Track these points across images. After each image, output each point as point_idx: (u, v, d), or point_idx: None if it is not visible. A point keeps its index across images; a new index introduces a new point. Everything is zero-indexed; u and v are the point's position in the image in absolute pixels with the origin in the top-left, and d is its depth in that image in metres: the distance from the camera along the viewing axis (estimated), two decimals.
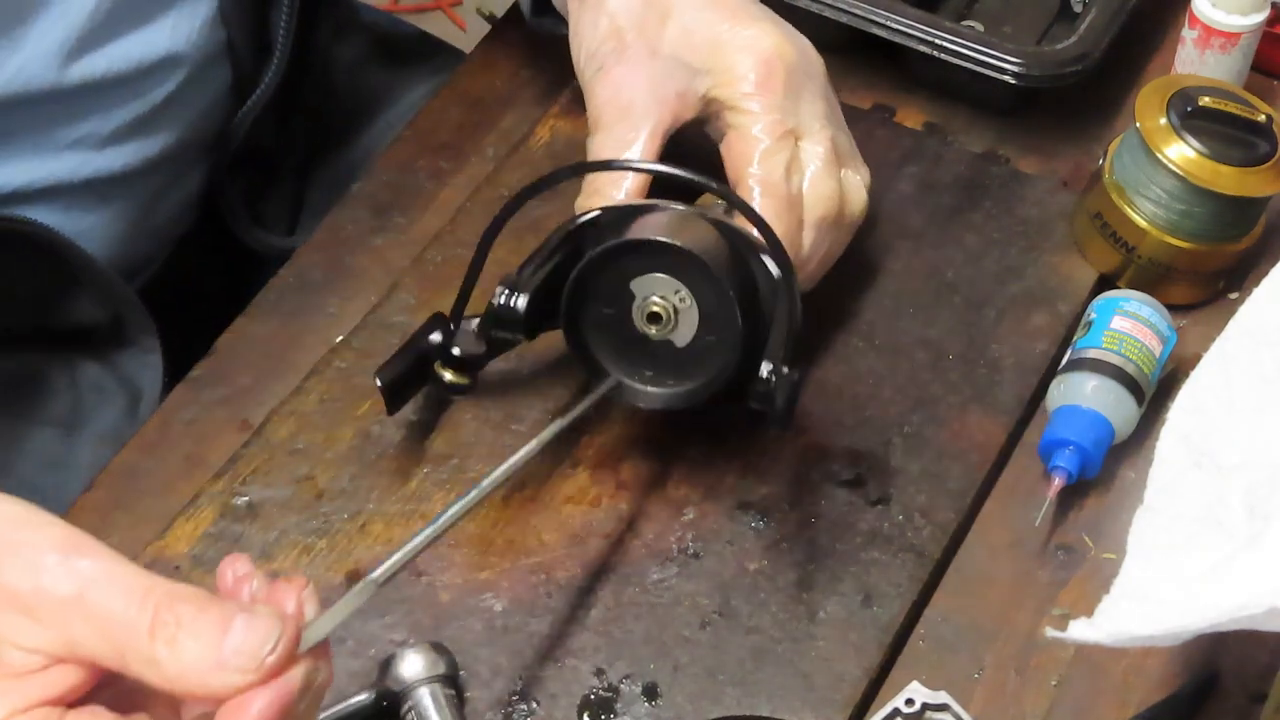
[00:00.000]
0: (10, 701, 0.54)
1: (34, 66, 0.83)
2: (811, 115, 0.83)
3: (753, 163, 0.81)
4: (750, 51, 0.82)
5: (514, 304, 0.77)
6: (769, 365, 0.74)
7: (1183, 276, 0.89)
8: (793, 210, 0.81)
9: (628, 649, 0.77)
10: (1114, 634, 0.64)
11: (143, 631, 0.55)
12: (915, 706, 0.74)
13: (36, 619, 0.55)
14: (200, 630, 0.55)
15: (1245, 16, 0.93)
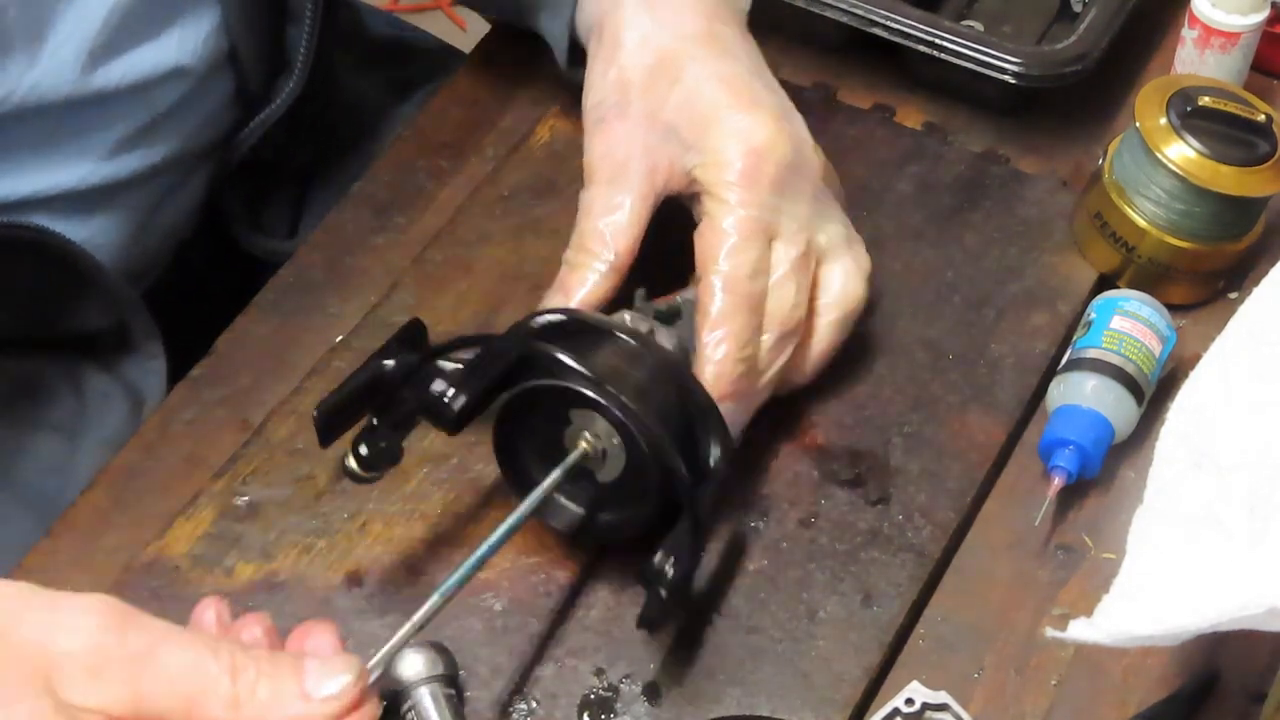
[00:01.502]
0: None
1: (49, 79, 0.84)
2: (791, 216, 0.80)
3: (718, 259, 0.79)
4: (742, 139, 0.80)
5: (451, 402, 0.74)
6: (663, 557, 0.72)
7: (1183, 276, 0.89)
8: (753, 312, 0.79)
9: (628, 649, 0.77)
10: (1114, 634, 0.65)
11: (222, 677, 0.58)
12: (915, 706, 0.74)
13: (101, 678, 0.56)
14: (278, 672, 0.60)
15: (1245, 16, 0.93)
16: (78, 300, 0.90)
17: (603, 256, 0.81)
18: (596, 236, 0.81)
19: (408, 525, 0.80)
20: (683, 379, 0.77)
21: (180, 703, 0.58)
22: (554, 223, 0.93)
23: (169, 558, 0.79)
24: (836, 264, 0.82)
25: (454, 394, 0.74)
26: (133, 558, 0.79)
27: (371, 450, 0.75)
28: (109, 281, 0.89)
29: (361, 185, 0.95)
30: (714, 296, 0.78)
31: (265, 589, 0.78)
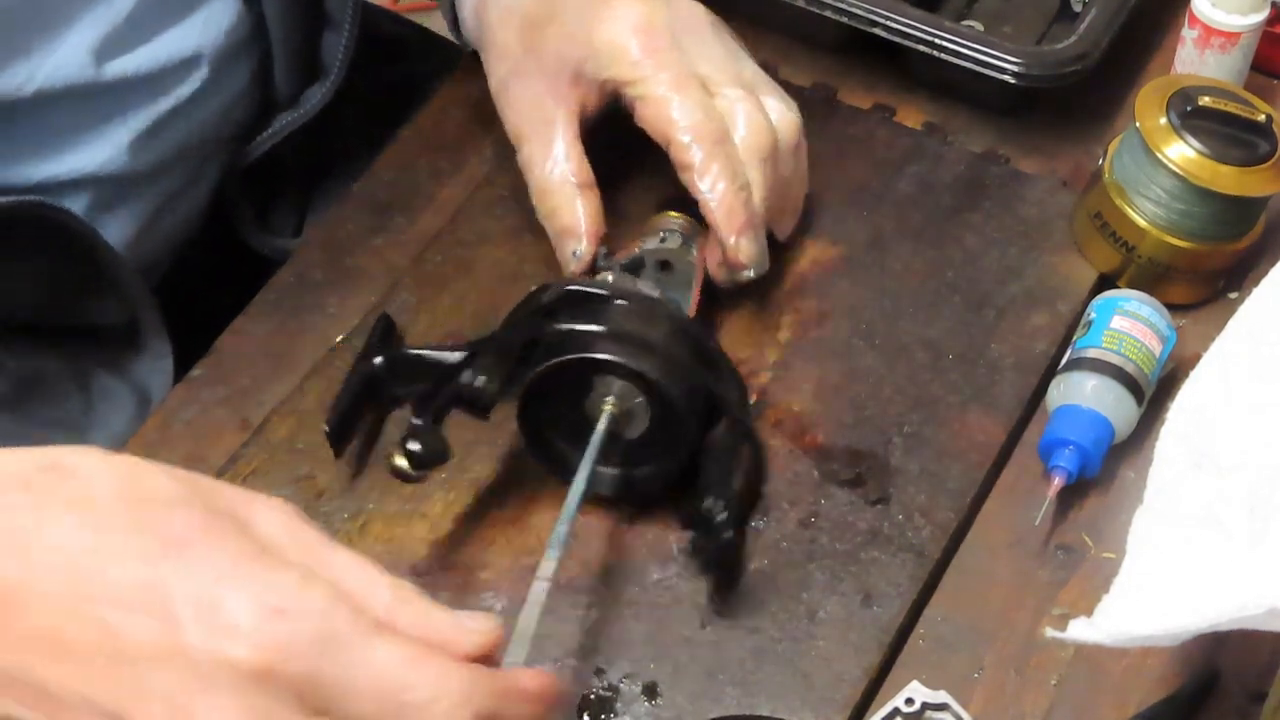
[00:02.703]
0: None
1: (72, 64, 0.84)
2: (707, 60, 0.85)
3: (672, 120, 0.83)
4: (623, 26, 0.84)
5: (484, 389, 0.76)
6: (714, 503, 0.75)
7: (1183, 276, 0.89)
8: (727, 144, 0.83)
9: (628, 649, 0.77)
10: (1114, 634, 0.65)
11: (385, 587, 0.62)
12: (915, 706, 0.74)
13: (285, 552, 0.60)
14: (431, 603, 0.63)
15: (1245, 16, 0.93)
16: (93, 294, 0.90)
17: (566, 191, 0.85)
18: (550, 181, 0.85)
19: (408, 525, 0.80)
20: (690, 328, 0.79)
21: (344, 595, 0.59)
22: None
23: None
24: (770, 96, 0.87)
25: (485, 380, 0.76)
26: None
27: (426, 447, 0.75)
28: (125, 275, 0.89)
29: (361, 185, 0.95)
30: (689, 150, 0.83)
31: None
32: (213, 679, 0.56)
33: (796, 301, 0.89)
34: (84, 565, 0.58)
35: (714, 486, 0.76)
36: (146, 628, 0.57)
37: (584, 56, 0.85)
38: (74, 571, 0.58)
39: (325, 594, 0.59)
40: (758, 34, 1.02)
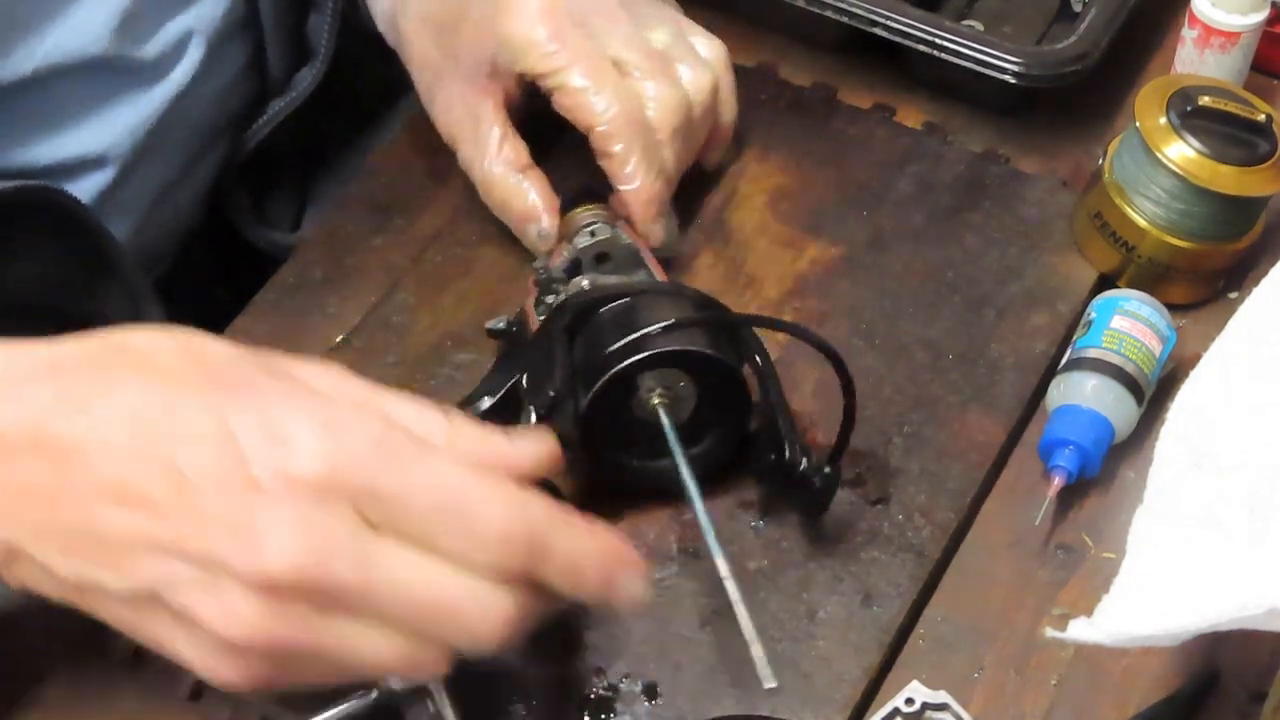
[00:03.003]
0: None
1: (72, 42, 0.85)
2: (616, 37, 0.86)
3: (591, 112, 0.84)
4: (527, 14, 0.85)
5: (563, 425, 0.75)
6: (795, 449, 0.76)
7: (1183, 276, 0.89)
8: (646, 132, 0.85)
9: (628, 649, 0.77)
10: (1114, 634, 0.65)
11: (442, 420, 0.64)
12: (915, 706, 0.74)
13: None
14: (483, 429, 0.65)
15: (1245, 16, 0.93)
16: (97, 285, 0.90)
17: (510, 179, 0.87)
18: (493, 175, 0.87)
19: None
20: (685, 291, 0.80)
21: (399, 423, 0.61)
22: None
23: None
24: (682, 61, 0.88)
25: (561, 426, 0.74)
26: None
27: None
28: (127, 265, 0.89)
29: (361, 185, 0.95)
30: (609, 141, 0.85)
31: None
32: (272, 494, 0.58)
33: (796, 301, 0.89)
34: (146, 415, 0.60)
35: (785, 435, 0.76)
36: (208, 459, 0.58)
37: (496, 49, 0.86)
38: (137, 422, 0.59)
39: (381, 417, 0.61)
40: (758, 34, 1.02)
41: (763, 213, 0.93)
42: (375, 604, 0.59)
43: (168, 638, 0.61)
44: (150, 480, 0.59)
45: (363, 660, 0.61)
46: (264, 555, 0.57)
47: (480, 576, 0.60)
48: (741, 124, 0.97)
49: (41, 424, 0.60)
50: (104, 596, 0.61)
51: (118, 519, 0.59)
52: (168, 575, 0.59)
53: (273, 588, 0.58)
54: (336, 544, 0.58)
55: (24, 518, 0.60)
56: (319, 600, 0.59)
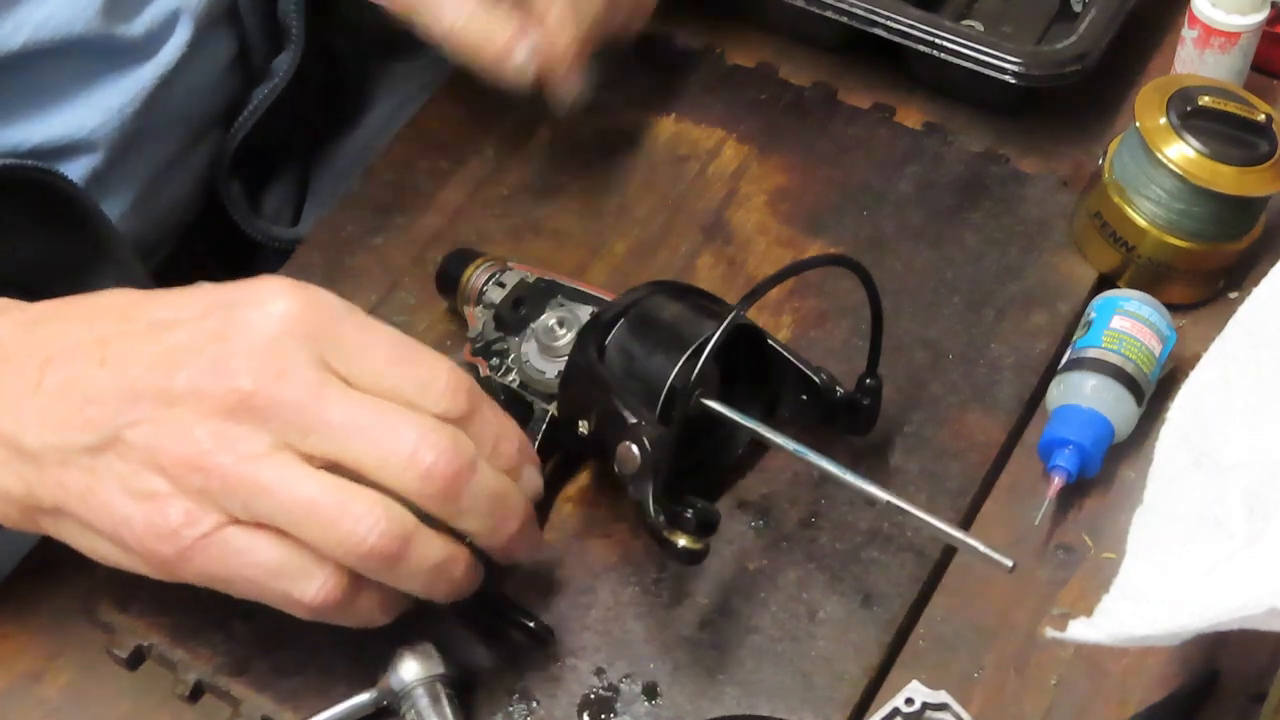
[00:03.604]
0: None
1: (60, 16, 0.84)
2: None
3: None
4: None
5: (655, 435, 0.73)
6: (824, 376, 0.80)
7: (1182, 276, 0.89)
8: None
9: (628, 649, 0.77)
10: (1114, 634, 0.64)
11: None
12: (915, 706, 0.74)
13: None
14: None
15: (1245, 16, 0.93)
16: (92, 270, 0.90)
17: (478, 18, 0.86)
18: (462, 23, 0.86)
19: None
20: (664, 285, 0.81)
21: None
22: (554, 223, 0.93)
23: None
24: None
25: (653, 430, 0.73)
26: None
27: (699, 516, 0.72)
28: (123, 251, 0.89)
29: (361, 185, 0.95)
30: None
31: None
32: (247, 324, 0.65)
33: (796, 301, 0.89)
34: (126, 300, 0.69)
35: (809, 370, 0.80)
36: (194, 309, 0.67)
37: None
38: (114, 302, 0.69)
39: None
40: (758, 34, 1.02)
41: (763, 213, 0.93)
42: (320, 427, 0.64)
43: (119, 494, 0.65)
44: (137, 334, 0.66)
45: (295, 503, 0.65)
46: (230, 381, 0.64)
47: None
48: (741, 124, 0.97)
49: (46, 312, 0.70)
50: (69, 464, 0.66)
51: (95, 374, 0.65)
52: (133, 416, 0.65)
53: (233, 408, 0.64)
54: (294, 366, 0.65)
55: (9, 391, 0.67)
56: (270, 424, 0.64)
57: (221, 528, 0.65)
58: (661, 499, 0.71)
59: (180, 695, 0.75)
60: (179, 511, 0.65)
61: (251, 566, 0.65)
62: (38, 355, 0.67)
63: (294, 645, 0.76)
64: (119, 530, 0.66)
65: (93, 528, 0.67)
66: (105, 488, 0.65)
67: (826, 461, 0.75)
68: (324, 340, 0.66)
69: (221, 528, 0.65)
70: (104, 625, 0.77)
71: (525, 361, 0.80)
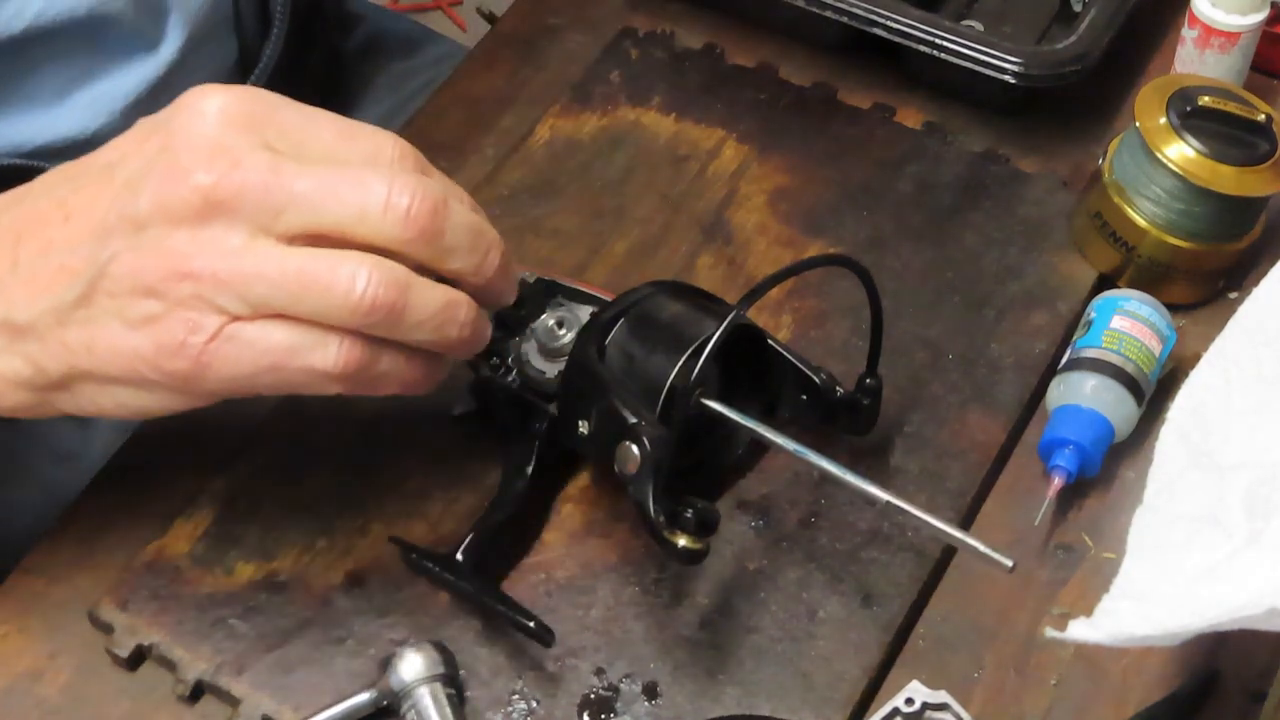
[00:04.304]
0: None
1: (64, 2, 0.84)
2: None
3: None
4: None
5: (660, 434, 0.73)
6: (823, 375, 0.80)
7: (1182, 276, 0.89)
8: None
9: (628, 649, 0.77)
10: (1114, 634, 0.65)
11: None
12: (915, 706, 0.74)
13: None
14: None
15: (1245, 16, 0.93)
16: None
17: None
18: None
19: (407, 525, 0.80)
20: (666, 285, 0.81)
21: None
22: (554, 223, 0.93)
23: (169, 557, 0.79)
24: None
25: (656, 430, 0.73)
26: (133, 558, 0.79)
27: (699, 515, 0.72)
28: None
29: None
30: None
31: (265, 589, 0.78)
32: (187, 128, 0.65)
33: (796, 301, 0.89)
34: (78, 166, 0.69)
35: (809, 369, 0.80)
36: (134, 147, 0.67)
37: None
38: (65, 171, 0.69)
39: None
40: (758, 34, 1.02)
41: (763, 213, 0.93)
42: (291, 203, 0.64)
43: (112, 330, 0.65)
44: (88, 186, 0.67)
45: (285, 281, 0.65)
46: (188, 180, 0.64)
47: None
48: (741, 124, 0.97)
49: (5, 205, 0.69)
50: (65, 321, 0.66)
51: (64, 231, 0.66)
52: (110, 251, 0.65)
53: (200, 207, 0.64)
54: (245, 153, 0.65)
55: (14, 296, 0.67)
56: (241, 213, 0.64)
57: (225, 326, 0.65)
58: (661, 499, 0.71)
59: (180, 695, 0.75)
60: (180, 323, 0.65)
61: (266, 354, 0.66)
62: (7, 239, 0.68)
63: (294, 645, 0.76)
64: (133, 366, 0.66)
65: (108, 378, 0.67)
66: (105, 330, 0.66)
67: (826, 461, 0.75)
68: (267, 126, 0.66)
69: (225, 326, 0.65)
70: (104, 625, 0.77)
71: (525, 361, 0.80)
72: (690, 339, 0.76)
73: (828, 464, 0.75)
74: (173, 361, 0.65)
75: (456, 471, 0.82)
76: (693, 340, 0.76)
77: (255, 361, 0.66)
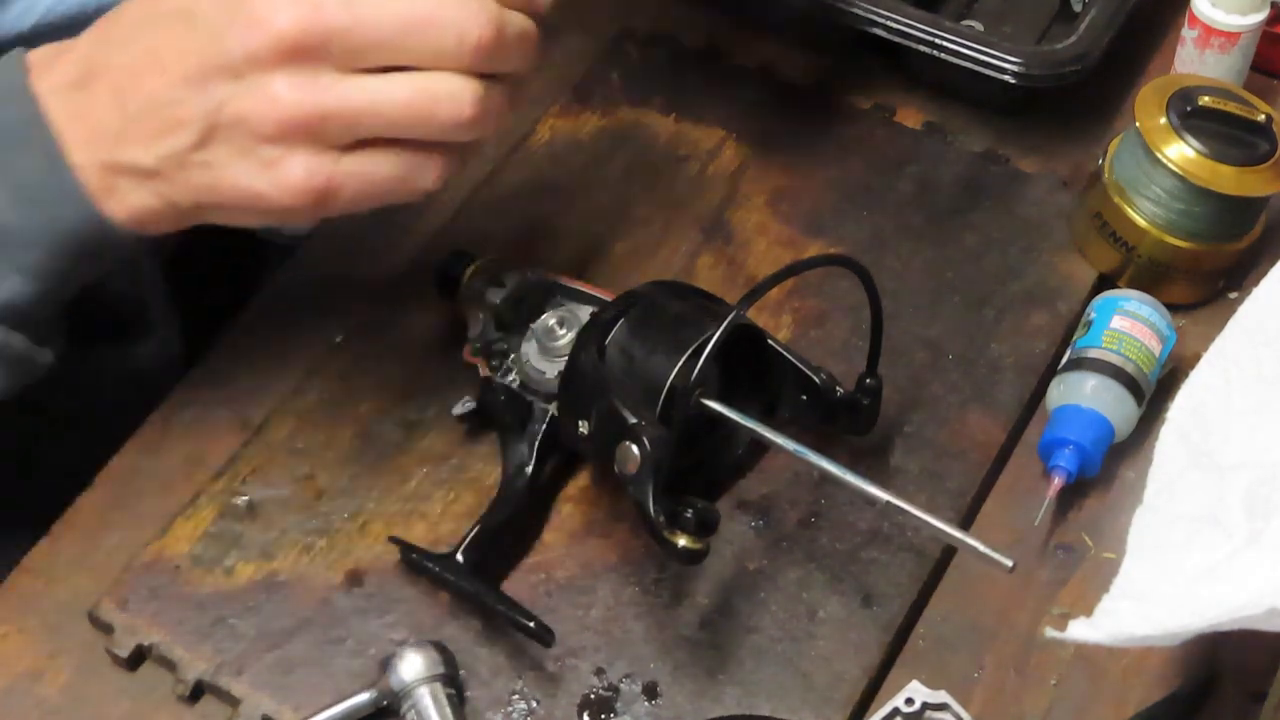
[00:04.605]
0: None
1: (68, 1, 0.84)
2: None
3: None
4: None
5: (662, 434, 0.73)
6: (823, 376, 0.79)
7: (1182, 276, 0.89)
8: None
9: (628, 649, 0.77)
10: (1114, 634, 0.65)
11: None
12: (915, 706, 0.74)
13: None
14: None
15: (1245, 16, 0.93)
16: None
17: None
18: None
19: (407, 525, 0.80)
20: (666, 285, 0.81)
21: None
22: (554, 222, 0.93)
23: (169, 557, 0.79)
24: None
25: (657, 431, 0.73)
26: (133, 558, 0.79)
27: (698, 515, 0.72)
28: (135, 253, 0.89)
29: None
30: None
31: (265, 589, 0.78)
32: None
33: (796, 301, 0.89)
34: (152, 8, 0.69)
35: (809, 370, 0.80)
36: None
37: None
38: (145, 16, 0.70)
39: None
40: (758, 34, 1.02)
41: (763, 213, 0.93)
42: (372, 35, 0.66)
43: (236, 173, 0.68)
44: (171, 36, 0.67)
45: (392, 110, 0.67)
46: (269, 26, 0.65)
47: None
48: (741, 124, 0.97)
49: (89, 59, 0.69)
50: (182, 165, 0.68)
51: (163, 80, 0.67)
52: (215, 99, 0.67)
53: (287, 53, 0.66)
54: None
55: (108, 131, 0.68)
56: (328, 52, 0.66)
57: (339, 161, 0.68)
58: (661, 499, 0.71)
59: (180, 695, 0.75)
60: (299, 169, 0.68)
61: (382, 181, 0.70)
62: (108, 90, 0.69)
63: (294, 645, 0.76)
64: (258, 203, 0.69)
65: (236, 208, 0.70)
66: (227, 173, 0.68)
67: (826, 461, 0.75)
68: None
69: (339, 161, 0.68)
70: (104, 625, 0.77)
71: (525, 361, 0.80)
72: (690, 339, 0.76)
73: (828, 464, 0.75)
74: (296, 199, 0.69)
75: (456, 471, 0.82)
76: (693, 340, 0.76)
77: (374, 187, 0.70)
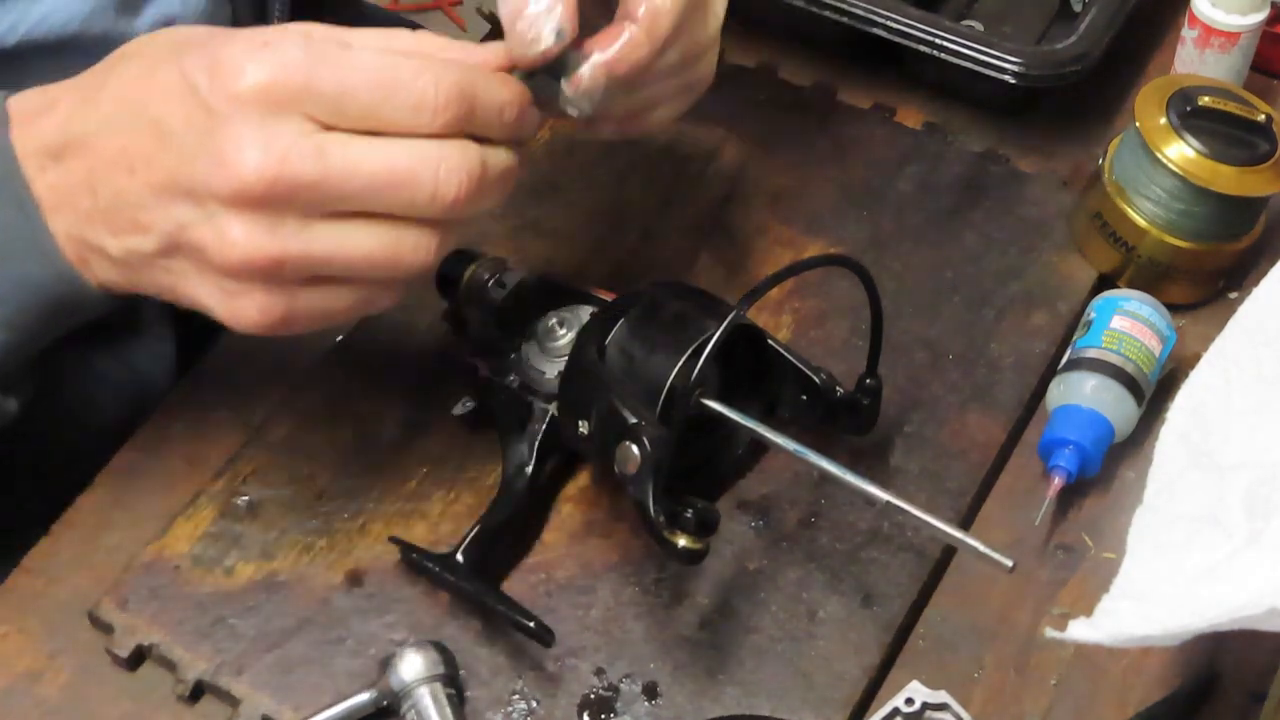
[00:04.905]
0: None
1: (58, 16, 0.84)
2: None
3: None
4: None
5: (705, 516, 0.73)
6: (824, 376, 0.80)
7: (1182, 276, 0.89)
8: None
9: (628, 649, 0.77)
10: (1114, 634, 0.64)
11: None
12: (915, 706, 0.74)
13: None
14: None
15: (1245, 16, 0.93)
16: None
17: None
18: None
19: (407, 525, 0.80)
20: (668, 285, 0.80)
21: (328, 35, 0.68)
22: (554, 222, 0.93)
23: (169, 557, 0.79)
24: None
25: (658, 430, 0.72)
26: (133, 558, 0.79)
27: (698, 516, 0.72)
28: None
29: None
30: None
31: (265, 589, 0.78)
32: (227, 117, 0.66)
33: (796, 301, 0.89)
34: (133, 89, 0.69)
35: (809, 370, 0.80)
36: (175, 105, 0.67)
37: None
38: (127, 98, 0.69)
39: (304, 31, 0.68)
40: (758, 34, 1.02)
41: (763, 213, 0.93)
42: (339, 190, 0.66)
43: (194, 287, 0.69)
44: (143, 140, 0.67)
45: (352, 259, 0.67)
46: (233, 171, 0.65)
47: (426, 140, 0.67)
48: (741, 124, 0.97)
49: (67, 128, 0.69)
50: (145, 263, 0.69)
51: (131, 183, 0.68)
52: (177, 220, 0.67)
53: (250, 200, 0.65)
54: (290, 143, 0.65)
55: (79, 209, 0.69)
56: (292, 203, 0.66)
57: (296, 296, 0.68)
58: (661, 499, 0.71)
59: (180, 695, 0.75)
60: (253, 306, 0.68)
61: (337, 313, 0.70)
62: (82, 174, 0.69)
63: (294, 645, 0.76)
64: (214, 311, 0.70)
65: (196, 305, 0.71)
66: (189, 284, 0.69)
67: (826, 461, 0.75)
68: (305, 99, 0.66)
69: (296, 296, 0.68)
70: (104, 625, 0.77)
71: (525, 361, 0.80)
72: (690, 339, 0.76)
73: (828, 464, 0.75)
74: (251, 329, 0.69)
75: (456, 471, 0.82)
76: (692, 340, 0.76)
77: (331, 317, 0.70)
